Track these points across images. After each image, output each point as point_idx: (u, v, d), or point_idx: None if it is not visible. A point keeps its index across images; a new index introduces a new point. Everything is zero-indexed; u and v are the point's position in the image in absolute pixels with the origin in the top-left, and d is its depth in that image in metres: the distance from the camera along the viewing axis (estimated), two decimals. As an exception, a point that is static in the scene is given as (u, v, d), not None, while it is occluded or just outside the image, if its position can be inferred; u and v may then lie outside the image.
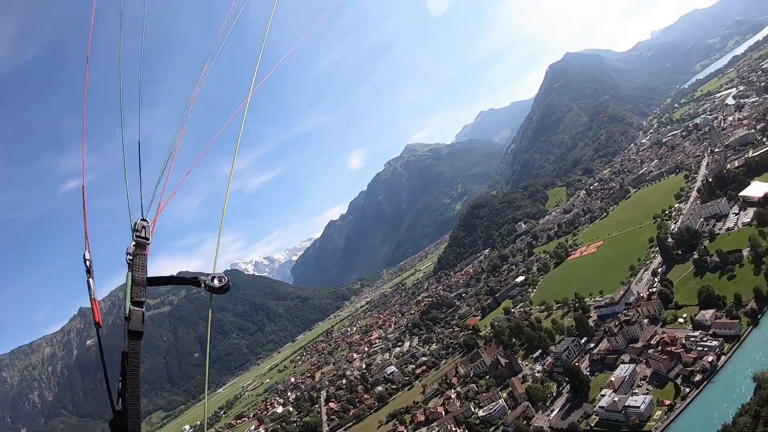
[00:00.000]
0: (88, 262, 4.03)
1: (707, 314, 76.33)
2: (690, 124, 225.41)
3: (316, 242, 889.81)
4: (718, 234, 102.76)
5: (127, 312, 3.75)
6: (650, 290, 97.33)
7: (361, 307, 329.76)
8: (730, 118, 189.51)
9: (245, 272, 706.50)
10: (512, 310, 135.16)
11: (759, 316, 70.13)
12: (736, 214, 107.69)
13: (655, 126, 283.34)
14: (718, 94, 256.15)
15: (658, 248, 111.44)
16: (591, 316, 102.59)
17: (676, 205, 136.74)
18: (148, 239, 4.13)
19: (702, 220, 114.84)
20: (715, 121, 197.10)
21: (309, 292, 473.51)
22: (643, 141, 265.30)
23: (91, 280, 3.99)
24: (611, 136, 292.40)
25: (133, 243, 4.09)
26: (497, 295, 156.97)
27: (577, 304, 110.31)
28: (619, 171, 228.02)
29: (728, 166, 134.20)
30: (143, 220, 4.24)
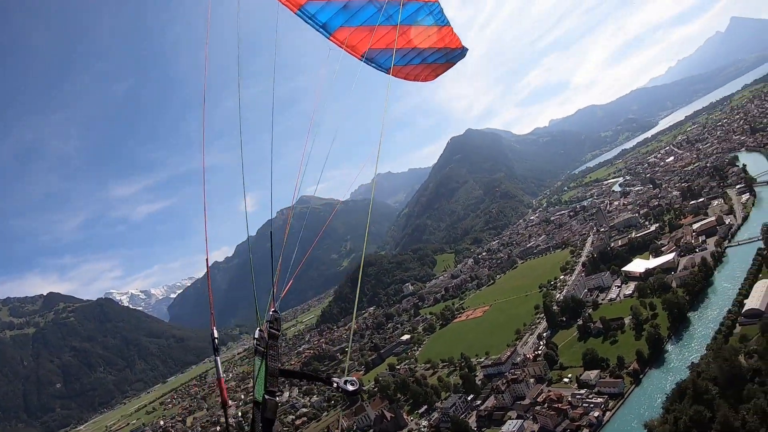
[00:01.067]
0: (216, 341, 4.85)
1: (592, 374, 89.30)
2: (578, 206, 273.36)
3: (197, 282, 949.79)
4: (601, 304, 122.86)
5: (260, 398, 4.49)
6: (536, 352, 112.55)
7: (239, 353, 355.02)
8: (616, 203, 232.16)
9: (120, 303, 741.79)
10: (397, 367, 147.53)
11: (641, 376, 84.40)
12: (619, 286, 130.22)
13: (544, 205, 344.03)
14: (606, 182, 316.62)
15: (543, 314, 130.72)
16: (477, 375, 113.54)
17: (562, 277, 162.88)
18: (280, 331, 5.16)
19: (586, 290, 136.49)
20: (602, 204, 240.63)
21: (185, 332, 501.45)
22: (532, 218, 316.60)
23: (218, 358, 4.78)
24: (502, 211, 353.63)
25: (265, 332, 4.95)
26: (382, 351, 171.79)
27: (463, 363, 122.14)
28: (507, 243, 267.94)
29: (612, 244, 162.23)
30: (275, 311, 5.31)
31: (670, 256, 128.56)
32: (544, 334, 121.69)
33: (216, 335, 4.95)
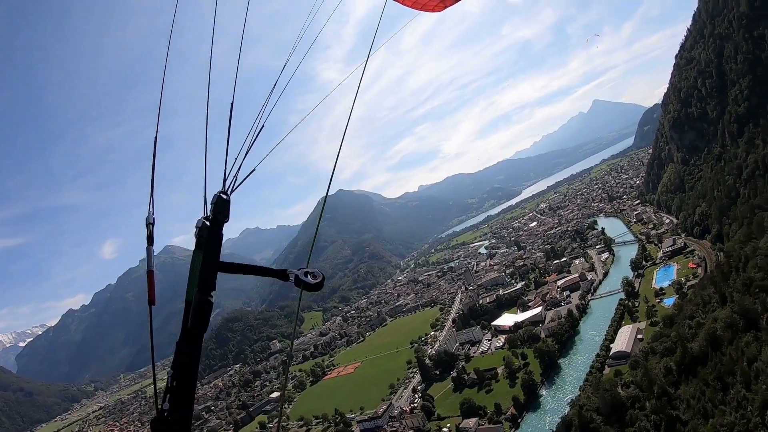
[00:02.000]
0: (150, 227, 4.39)
1: (471, 422, 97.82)
2: (445, 267, 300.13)
3: (49, 330, 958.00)
4: (473, 356, 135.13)
5: (190, 298, 4.07)
6: (412, 405, 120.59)
7: (93, 412, 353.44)
8: (483, 264, 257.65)
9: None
10: (268, 425, 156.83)
11: (519, 420, 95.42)
12: (489, 339, 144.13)
13: (412, 266, 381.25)
14: (472, 245, 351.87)
15: (417, 368, 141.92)
16: (354, 430, 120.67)
17: (432, 333, 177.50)
18: (227, 217, 4.42)
19: (458, 344, 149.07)
20: (469, 265, 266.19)
21: (35, 386, 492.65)
22: (400, 278, 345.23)
23: (151, 248, 4.35)
24: (370, 271, 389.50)
25: (207, 218, 4.35)
26: (251, 409, 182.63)
27: (338, 419, 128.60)
28: (376, 302, 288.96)
29: (481, 301, 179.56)
30: (223, 193, 4.50)
31: (537, 310, 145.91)
32: (419, 387, 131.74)
33: (153, 221, 4.47)
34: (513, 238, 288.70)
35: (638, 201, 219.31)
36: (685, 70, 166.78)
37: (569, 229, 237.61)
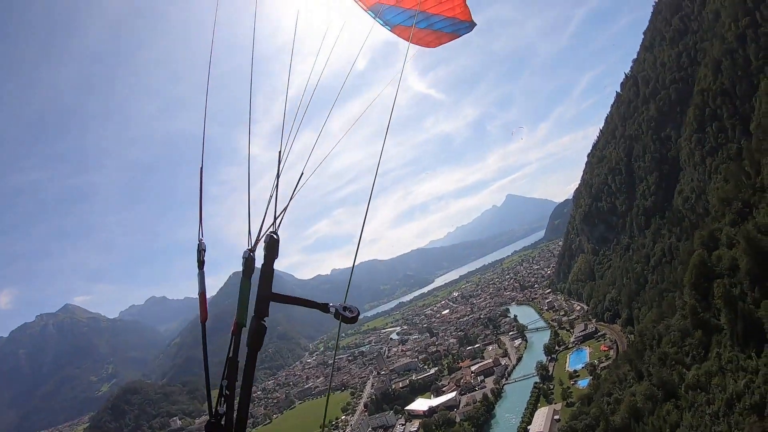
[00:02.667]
0: (202, 253, 5.02)
1: None
2: (356, 351, 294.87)
3: None
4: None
5: (242, 321, 4.86)
6: None
7: None
8: (395, 349, 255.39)
9: None
10: None
11: None
12: (403, 424, 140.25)
13: (321, 349, 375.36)
14: (384, 330, 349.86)
15: None
16: None
17: (343, 417, 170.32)
18: (277, 255, 5.10)
19: (370, 429, 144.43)
20: (381, 350, 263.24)
21: None
22: (309, 360, 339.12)
23: (202, 272, 5.05)
24: (279, 352, 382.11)
25: (252, 250, 5.13)
26: None
27: None
28: (284, 384, 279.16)
29: (393, 386, 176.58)
30: (274, 233, 5.19)
31: (451, 395, 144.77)
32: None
33: (204, 247, 5.04)
34: (425, 325, 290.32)
35: (549, 290, 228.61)
36: (597, 167, 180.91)
37: (482, 316, 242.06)
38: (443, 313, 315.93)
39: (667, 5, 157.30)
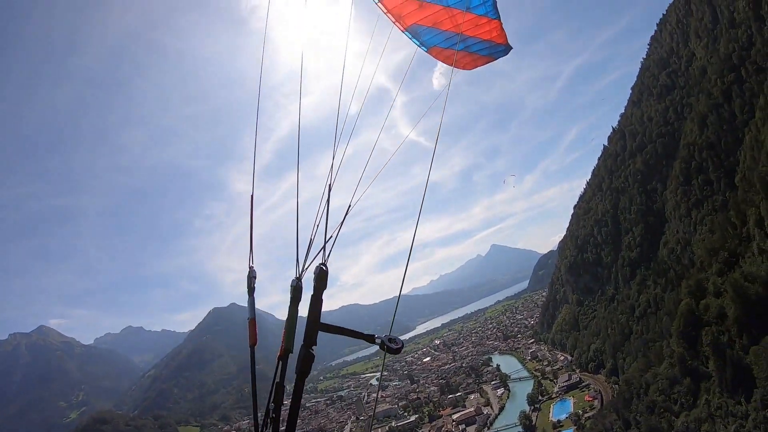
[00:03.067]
0: (252, 280, 5.15)
1: None
2: (335, 395, 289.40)
3: None
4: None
5: (290, 348, 5.01)
6: None
7: None
8: (374, 395, 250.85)
9: None
10: None
11: None
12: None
13: (308, 387, 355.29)
14: (363, 375, 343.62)
15: None
16: None
17: None
18: (326, 285, 5.20)
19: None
20: (361, 395, 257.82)
21: None
22: (285, 402, 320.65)
23: (252, 298, 5.25)
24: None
25: (299, 278, 5.26)
26: None
27: None
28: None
29: None
30: (323, 265, 5.26)
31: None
32: None
33: (255, 275, 5.17)
34: (406, 372, 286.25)
35: (533, 340, 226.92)
36: (583, 219, 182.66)
37: (464, 365, 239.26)
38: (424, 360, 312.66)
39: (655, 62, 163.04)
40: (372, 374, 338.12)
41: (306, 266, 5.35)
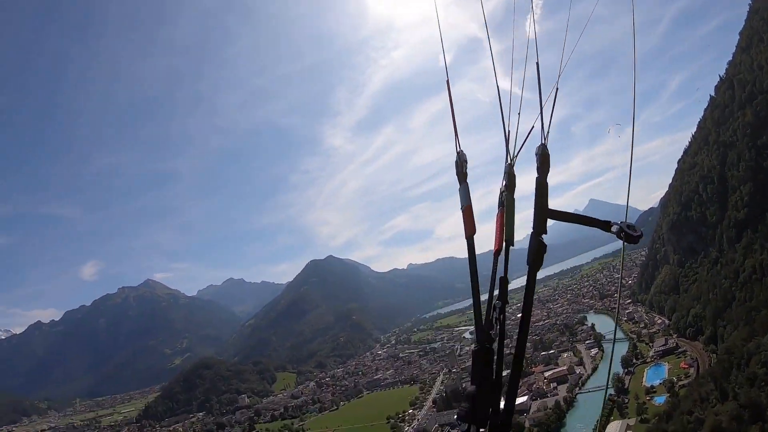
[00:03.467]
0: (464, 165, 4.48)
1: None
2: (428, 347, 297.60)
3: (13, 338, 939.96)
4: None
5: (513, 241, 4.23)
6: None
7: (43, 430, 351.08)
8: (467, 348, 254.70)
9: None
10: None
11: None
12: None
13: (392, 342, 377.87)
14: (457, 328, 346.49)
15: None
16: None
17: (411, 411, 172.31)
18: (548, 165, 4.43)
19: (437, 425, 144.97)
20: (453, 348, 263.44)
21: None
22: (380, 352, 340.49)
23: (465, 184, 4.46)
24: (350, 341, 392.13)
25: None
26: None
27: None
28: (353, 372, 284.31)
29: (464, 384, 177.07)
30: (544, 145, 4.54)
31: (522, 399, 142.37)
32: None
33: (465, 158, 4.48)
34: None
35: (630, 300, 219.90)
36: (688, 175, 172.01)
37: (558, 322, 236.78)
38: (518, 316, 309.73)
39: (764, 4, 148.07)
40: (465, 327, 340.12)
41: (517, 152, 4.62)
